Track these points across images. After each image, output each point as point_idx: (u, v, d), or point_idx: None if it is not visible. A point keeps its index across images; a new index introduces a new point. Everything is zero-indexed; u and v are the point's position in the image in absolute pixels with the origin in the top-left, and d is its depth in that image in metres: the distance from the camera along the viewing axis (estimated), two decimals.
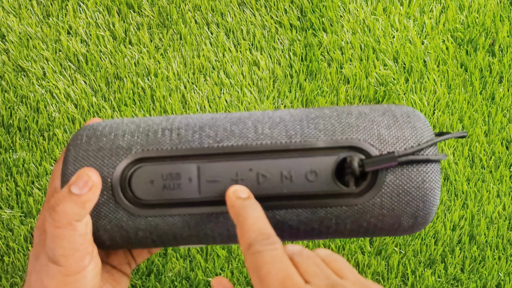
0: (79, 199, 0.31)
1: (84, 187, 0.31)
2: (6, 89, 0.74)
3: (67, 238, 0.31)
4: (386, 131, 0.33)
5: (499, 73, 0.79)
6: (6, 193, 0.70)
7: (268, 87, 0.76)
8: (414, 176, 0.32)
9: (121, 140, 0.33)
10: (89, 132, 0.34)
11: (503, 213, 0.73)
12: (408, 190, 0.32)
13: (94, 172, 0.32)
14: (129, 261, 0.40)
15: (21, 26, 0.77)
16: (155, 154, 0.33)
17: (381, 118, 0.34)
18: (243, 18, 0.79)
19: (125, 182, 0.33)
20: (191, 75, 0.76)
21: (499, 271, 0.71)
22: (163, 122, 0.35)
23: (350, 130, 0.33)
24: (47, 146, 0.72)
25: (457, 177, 0.73)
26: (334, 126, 0.33)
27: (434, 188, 0.33)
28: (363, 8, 0.80)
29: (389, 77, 0.77)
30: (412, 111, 0.34)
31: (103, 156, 0.33)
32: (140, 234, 0.34)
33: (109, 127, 0.35)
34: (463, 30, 0.80)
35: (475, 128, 0.76)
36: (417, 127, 0.33)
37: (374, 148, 0.32)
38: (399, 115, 0.34)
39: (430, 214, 0.34)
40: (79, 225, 0.31)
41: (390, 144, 0.33)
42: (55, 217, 0.31)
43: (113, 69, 0.75)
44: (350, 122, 0.33)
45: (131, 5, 0.79)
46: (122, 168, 0.33)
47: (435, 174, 0.32)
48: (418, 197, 0.32)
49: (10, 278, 0.67)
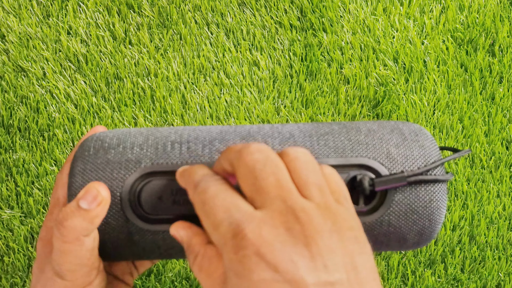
0: (88, 214, 0.30)
1: (93, 202, 0.31)
2: (6, 89, 0.74)
3: (74, 253, 0.31)
4: (395, 149, 0.33)
5: (499, 73, 0.79)
6: (6, 193, 0.70)
7: (268, 87, 0.76)
8: (422, 195, 0.32)
9: (130, 153, 0.33)
10: (97, 144, 0.34)
11: (503, 214, 0.73)
12: (416, 209, 0.32)
13: (103, 187, 0.31)
14: (131, 271, 0.39)
15: (21, 26, 0.77)
16: (165, 168, 0.32)
17: (390, 136, 0.34)
18: (243, 18, 0.79)
19: (134, 196, 0.32)
20: (191, 75, 0.76)
21: (499, 271, 0.71)
22: (171, 134, 0.34)
23: (360, 148, 0.33)
24: (47, 147, 0.72)
25: (457, 177, 0.73)
26: (344, 143, 0.33)
27: (441, 207, 0.33)
28: (363, 8, 0.80)
29: (389, 77, 0.77)
30: (419, 129, 0.35)
31: (112, 169, 0.32)
32: (147, 248, 0.33)
33: (116, 139, 0.34)
34: (463, 30, 0.80)
35: (475, 128, 0.76)
36: (425, 146, 0.34)
37: (384, 167, 0.33)
38: (407, 133, 0.34)
39: (435, 232, 0.34)
40: (87, 240, 0.31)
41: (399, 163, 0.33)
42: (63, 232, 0.30)
43: (113, 69, 0.75)
44: (359, 139, 0.33)
45: (131, 5, 0.79)
46: (131, 182, 0.32)
47: (442, 193, 0.33)
48: (425, 215, 0.33)
49: (10, 278, 0.67)
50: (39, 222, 0.69)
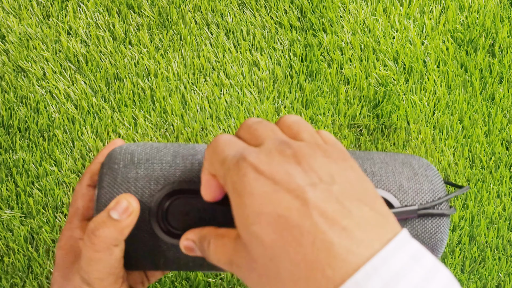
0: (119, 225, 0.31)
1: (124, 213, 0.32)
2: (6, 89, 0.74)
3: (103, 262, 0.32)
4: (406, 182, 0.35)
5: (499, 73, 0.79)
6: (6, 194, 0.70)
7: (268, 87, 0.76)
8: (428, 227, 0.35)
9: (159, 169, 0.34)
10: (126, 157, 0.35)
11: (503, 214, 0.73)
12: (422, 239, 0.35)
13: (133, 199, 0.32)
14: (142, 280, 0.41)
15: (21, 26, 0.77)
16: (193, 186, 0.33)
17: (402, 169, 0.36)
18: (243, 18, 0.79)
19: (162, 211, 0.33)
20: (191, 75, 0.76)
21: (499, 271, 0.71)
22: (198, 153, 0.35)
23: (375, 179, 0.35)
24: (47, 147, 0.72)
25: (457, 178, 0.73)
26: None
27: (443, 238, 0.35)
28: (363, 8, 0.80)
29: (389, 78, 0.77)
30: (427, 165, 0.37)
31: (143, 185, 0.33)
32: (169, 261, 0.34)
33: (145, 154, 0.35)
34: (463, 31, 0.80)
35: (475, 129, 0.76)
36: (434, 182, 0.36)
37: (396, 199, 0.35)
38: (417, 168, 0.37)
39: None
40: (116, 249, 0.32)
41: (410, 196, 0.35)
42: (95, 241, 0.31)
43: (113, 70, 0.75)
44: (374, 171, 0.35)
45: (131, 6, 0.79)
46: (160, 197, 0.33)
47: (445, 226, 0.35)
48: (429, 245, 0.35)
49: (10, 278, 0.67)
50: (39, 223, 0.69)
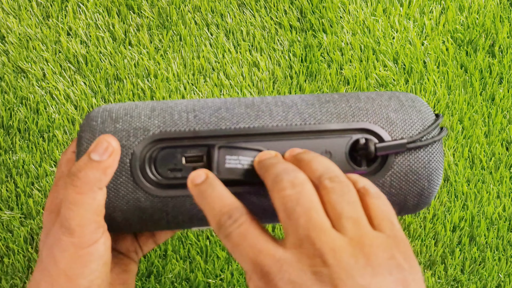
0: (100, 165, 0.31)
1: (104, 153, 0.31)
2: (6, 90, 0.74)
3: (85, 206, 0.31)
4: (394, 114, 0.35)
5: (499, 74, 0.79)
6: (6, 195, 0.70)
7: (268, 88, 0.76)
8: (421, 157, 0.34)
9: (137, 121, 0.34)
10: (104, 114, 0.34)
11: (503, 214, 0.73)
12: (416, 169, 0.34)
13: (113, 138, 0.32)
14: (136, 250, 0.40)
15: (21, 27, 0.77)
16: (174, 135, 0.33)
17: (388, 102, 0.36)
18: (243, 19, 0.79)
19: (144, 162, 0.33)
20: (191, 76, 0.76)
21: (499, 272, 0.71)
22: (177, 105, 0.35)
23: (361, 113, 0.35)
24: (47, 148, 0.72)
25: (457, 178, 0.73)
26: (345, 109, 0.35)
27: (438, 168, 0.35)
28: (363, 9, 0.80)
29: (389, 78, 0.77)
30: (415, 97, 0.37)
31: (121, 137, 0.33)
32: (156, 215, 0.34)
33: (123, 109, 0.35)
34: (463, 31, 0.80)
35: (475, 129, 0.76)
36: (422, 111, 0.36)
37: (384, 131, 0.34)
38: (404, 100, 0.36)
39: (433, 194, 0.36)
40: (99, 193, 0.31)
41: (399, 126, 0.35)
42: (77, 183, 0.31)
43: (113, 70, 0.75)
44: (359, 106, 0.35)
45: (131, 6, 0.79)
46: (140, 148, 0.33)
47: (439, 154, 0.35)
48: (424, 176, 0.34)
49: (10, 279, 0.67)
50: (39, 223, 0.69)
